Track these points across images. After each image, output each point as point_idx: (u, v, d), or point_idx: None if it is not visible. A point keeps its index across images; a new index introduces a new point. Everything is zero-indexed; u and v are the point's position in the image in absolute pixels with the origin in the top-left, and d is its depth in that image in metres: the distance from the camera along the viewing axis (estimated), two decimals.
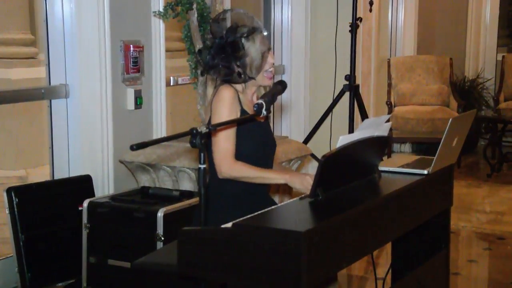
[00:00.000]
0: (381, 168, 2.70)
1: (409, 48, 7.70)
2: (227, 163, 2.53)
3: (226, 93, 2.57)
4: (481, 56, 8.48)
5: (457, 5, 8.44)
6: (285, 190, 3.75)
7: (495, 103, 7.87)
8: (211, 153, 2.58)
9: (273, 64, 2.65)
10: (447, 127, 2.67)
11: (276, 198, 3.53)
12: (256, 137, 2.64)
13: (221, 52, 2.58)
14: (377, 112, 6.36)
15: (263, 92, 2.67)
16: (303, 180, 2.50)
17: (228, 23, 2.62)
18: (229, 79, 2.60)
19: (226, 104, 2.55)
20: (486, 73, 8.33)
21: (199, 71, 3.72)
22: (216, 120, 2.53)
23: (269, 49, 2.62)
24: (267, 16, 5.69)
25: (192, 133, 2.11)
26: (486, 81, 8.15)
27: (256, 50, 2.57)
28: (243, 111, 2.60)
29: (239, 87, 2.63)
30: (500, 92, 7.92)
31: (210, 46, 2.63)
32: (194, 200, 3.37)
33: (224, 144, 2.53)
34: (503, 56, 8.13)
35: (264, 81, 2.64)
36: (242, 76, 2.58)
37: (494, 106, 7.88)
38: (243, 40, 2.57)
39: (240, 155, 2.57)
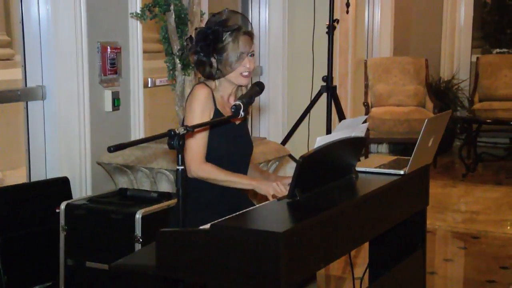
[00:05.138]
0: (358, 168, 2.72)
1: (385, 49, 7.76)
2: (196, 163, 2.56)
3: (200, 92, 2.59)
4: (456, 57, 8.57)
5: (433, 7, 8.54)
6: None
7: (470, 104, 7.97)
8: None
9: (249, 69, 2.62)
10: (423, 128, 2.70)
11: (254, 201, 3.53)
12: (230, 138, 2.64)
13: (203, 40, 2.58)
14: (354, 113, 6.39)
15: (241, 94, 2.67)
16: (269, 187, 2.52)
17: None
18: (201, 70, 2.61)
19: (199, 103, 2.57)
20: (461, 74, 8.42)
21: (176, 72, 3.72)
22: (189, 118, 2.56)
23: (250, 54, 2.61)
24: None
25: (169, 135, 2.11)
26: (461, 82, 8.25)
27: (235, 48, 2.57)
28: (216, 111, 2.60)
29: (213, 85, 2.63)
30: (475, 93, 8.02)
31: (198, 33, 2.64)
32: (173, 202, 3.37)
33: (195, 145, 2.56)
34: (477, 58, 8.23)
35: (238, 80, 2.63)
36: (214, 70, 2.58)
37: (469, 107, 7.97)
38: (226, 34, 2.57)
39: (213, 156, 2.58)
